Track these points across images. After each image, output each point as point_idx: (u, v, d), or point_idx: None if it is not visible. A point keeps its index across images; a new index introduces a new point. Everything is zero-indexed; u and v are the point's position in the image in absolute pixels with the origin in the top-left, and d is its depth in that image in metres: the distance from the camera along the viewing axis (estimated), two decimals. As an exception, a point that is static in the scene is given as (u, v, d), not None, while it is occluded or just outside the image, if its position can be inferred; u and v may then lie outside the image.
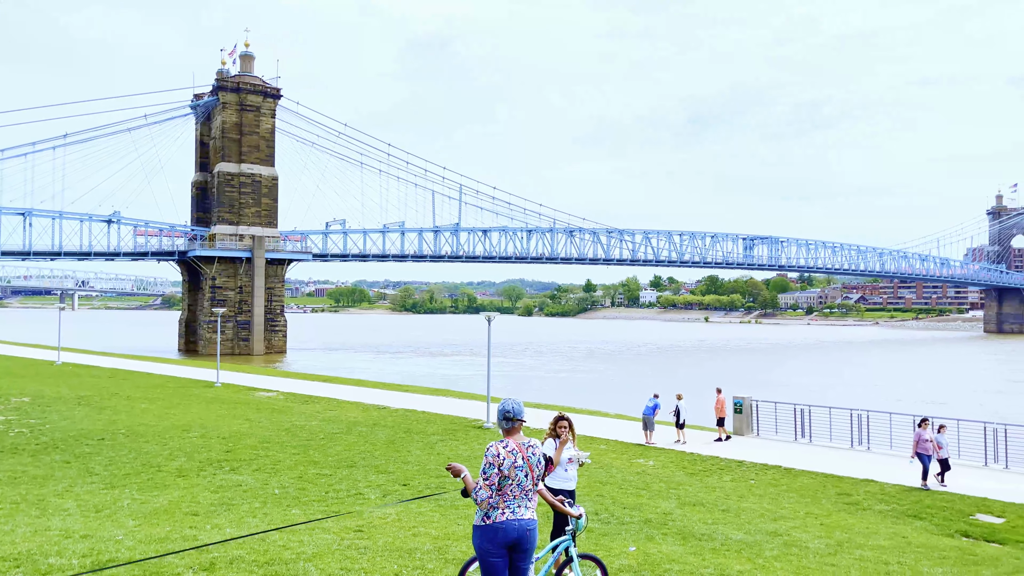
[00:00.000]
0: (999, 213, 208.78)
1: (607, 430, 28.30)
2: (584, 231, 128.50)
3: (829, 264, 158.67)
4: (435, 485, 16.61)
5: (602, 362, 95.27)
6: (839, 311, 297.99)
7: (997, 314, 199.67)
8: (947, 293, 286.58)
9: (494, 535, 6.52)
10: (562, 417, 10.08)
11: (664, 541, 12.38)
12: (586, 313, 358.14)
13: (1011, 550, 14.26)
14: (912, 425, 24.31)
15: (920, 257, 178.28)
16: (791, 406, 27.68)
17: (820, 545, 12.90)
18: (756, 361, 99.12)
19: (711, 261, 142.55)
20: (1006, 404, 54.02)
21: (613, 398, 48.35)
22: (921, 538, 14.48)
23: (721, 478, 20.36)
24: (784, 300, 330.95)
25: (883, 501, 17.98)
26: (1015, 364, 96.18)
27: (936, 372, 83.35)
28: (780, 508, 16.57)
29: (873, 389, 61.57)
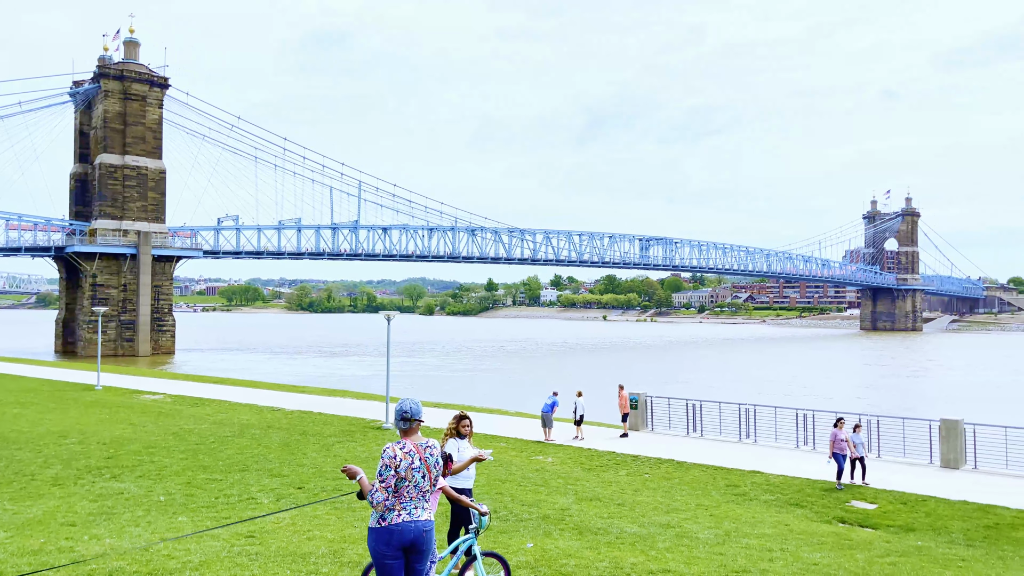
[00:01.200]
0: (874, 218, 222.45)
1: (507, 428, 28.46)
2: (486, 230, 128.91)
3: (720, 264, 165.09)
4: (331, 488, 16.27)
5: (503, 361, 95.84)
6: (729, 310, 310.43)
7: (872, 312, 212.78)
8: (828, 292, 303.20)
9: (390, 537, 6.41)
10: (464, 416, 10.04)
11: (561, 536, 12.54)
12: (488, 312, 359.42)
13: (883, 534, 15.18)
14: (796, 419, 25.61)
15: (804, 258, 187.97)
16: (684, 401, 28.60)
17: (710, 535, 13.36)
18: (652, 358, 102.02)
19: (609, 261, 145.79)
20: (877, 398, 57.63)
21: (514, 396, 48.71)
22: (802, 525, 15.23)
23: (617, 473, 20.81)
24: (678, 299, 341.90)
25: (768, 491, 18.81)
26: (885, 360, 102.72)
27: (817, 368, 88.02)
28: (673, 501, 17.08)
29: (760, 384, 64.43)
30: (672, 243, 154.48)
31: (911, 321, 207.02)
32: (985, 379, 73.90)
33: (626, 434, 27.22)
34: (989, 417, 28.85)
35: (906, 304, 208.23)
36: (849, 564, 11.43)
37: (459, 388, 58.99)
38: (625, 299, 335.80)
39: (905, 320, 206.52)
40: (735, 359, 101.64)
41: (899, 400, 55.14)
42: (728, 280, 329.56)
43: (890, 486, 19.38)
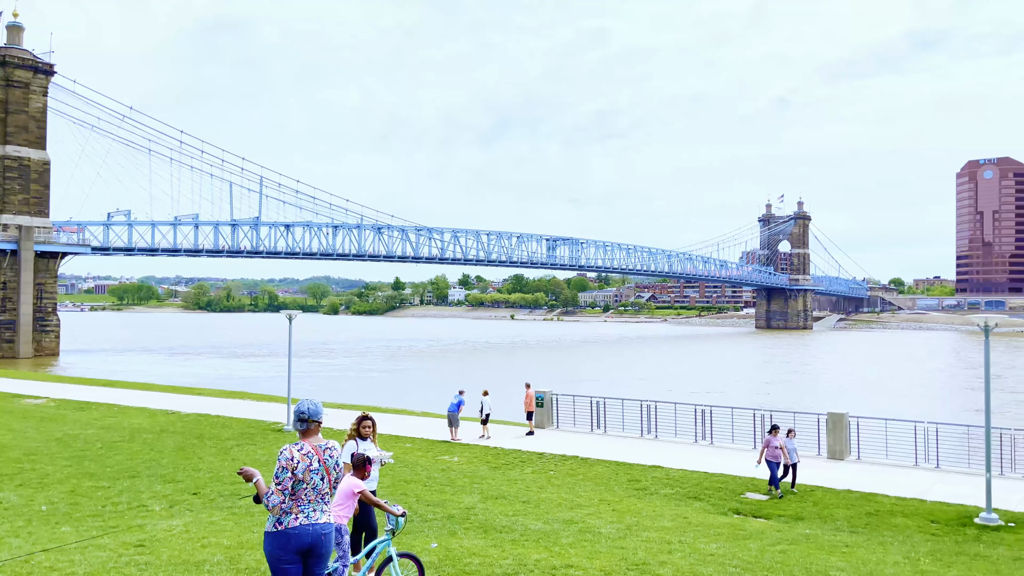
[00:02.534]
0: (768, 221, 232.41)
1: (414, 428, 28.23)
2: (392, 228, 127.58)
3: (624, 265, 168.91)
4: (229, 492, 15.73)
5: (411, 361, 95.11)
6: (633, 309, 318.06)
7: (766, 311, 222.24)
8: (726, 292, 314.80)
9: (287, 541, 6.24)
10: (366, 417, 9.88)
11: (466, 535, 12.52)
12: (395, 311, 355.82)
13: (774, 523, 15.85)
14: (694, 415, 26.43)
15: (703, 259, 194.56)
16: (588, 399, 29.07)
17: (612, 530, 13.62)
18: (558, 357, 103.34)
19: (517, 260, 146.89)
20: (770, 393, 60.22)
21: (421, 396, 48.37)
22: (700, 517, 15.73)
23: (523, 471, 20.96)
24: (584, 298, 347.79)
25: (668, 485, 19.34)
26: (777, 357, 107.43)
27: (714, 365, 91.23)
28: (577, 497, 17.33)
29: (661, 381, 66.25)
30: (578, 243, 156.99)
31: (802, 320, 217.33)
32: (868, 374, 78.33)
33: (532, 432, 27.44)
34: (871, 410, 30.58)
35: (798, 304, 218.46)
36: (743, 554, 11.86)
37: (365, 389, 58.15)
38: (533, 298, 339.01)
39: (797, 319, 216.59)
40: (638, 357, 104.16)
41: (790, 395, 57.77)
42: (632, 280, 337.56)
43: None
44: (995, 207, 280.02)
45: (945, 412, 46.32)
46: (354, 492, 8.13)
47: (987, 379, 17.19)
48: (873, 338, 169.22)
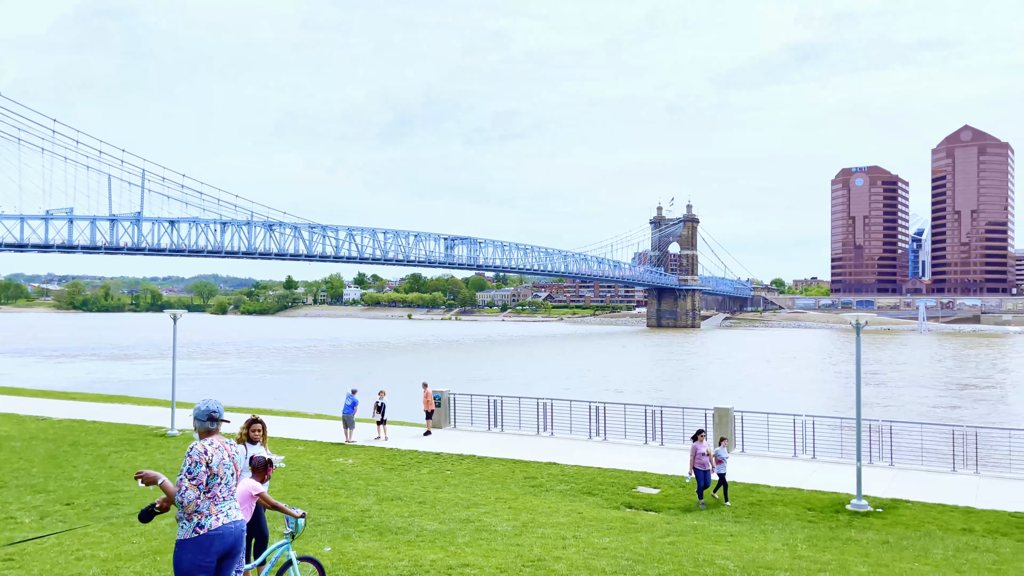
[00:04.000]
0: (659, 223, 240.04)
1: (308, 431, 27.56)
2: (285, 225, 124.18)
3: (522, 265, 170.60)
4: (106, 502, 14.87)
5: (305, 361, 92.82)
6: (530, 308, 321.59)
7: (657, 310, 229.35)
8: (619, 292, 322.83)
9: (211, 545, 5.92)
10: (256, 420, 9.54)
11: (360, 538, 12.31)
12: (287, 311, 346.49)
13: (664, 516, 16.35)
14: (589, 412, 26.94)
15: (598, 260, 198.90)
16: (485, 398, 29.17)
17: (508, 527, 13.70)
18: (456, 356, 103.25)
19: (414, 260, 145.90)
20: (663, 389, 62.18)
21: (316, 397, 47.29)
22: (593, 512, 16.04)
23: (419, 471, 20.80)
24: (482, 298, 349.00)
25: (563, 482, 19.63)
26: (667, 354, 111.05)
27: (608, 362, 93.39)
28: (474, 496, 17.34)
29: (557, 379, 67.26)
30: (476, 243, 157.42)
31: (691, 318, 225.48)
32: (751, 371, 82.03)
33: (429, 431, 27.28)
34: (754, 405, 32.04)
35: (687, 303, 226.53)
36: (634, 546, 12.17)
37: (257, 390, 56.35)
38: (430, 298, 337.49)
39: (686, 317, 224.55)
40: (535, 356, 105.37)
41: (679, 391, 59.81)
42: (529, 280, 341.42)
43: (672, 471, 20.93)
44: (865, 213, 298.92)
45: (822, 406, 49.09)
46: (252, 495, 7.85)
47: (858, 374, 18.29)
48: (756, 336, 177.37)
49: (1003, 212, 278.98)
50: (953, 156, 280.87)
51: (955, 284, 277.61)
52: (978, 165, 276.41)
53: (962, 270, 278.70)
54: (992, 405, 54.63)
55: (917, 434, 23.06)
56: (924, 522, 16.05)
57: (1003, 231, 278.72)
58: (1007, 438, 23.31)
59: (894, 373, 78.41)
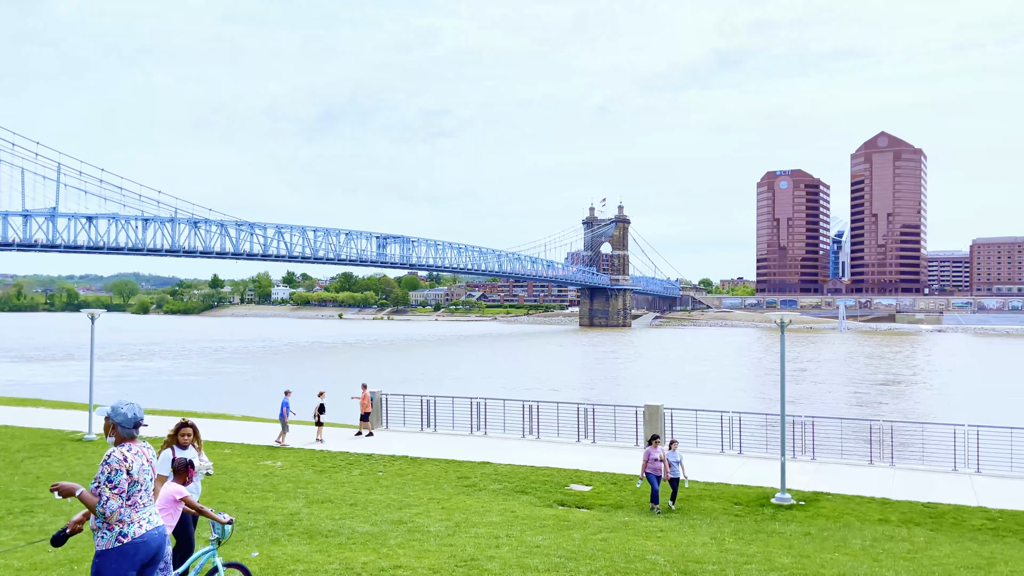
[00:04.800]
0: (592, 223, 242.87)
1: (235, 433, 26.85)
2: (211, 223, 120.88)
3: (455, 264, 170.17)
4: (19, 510, 14.18)
5: (234, 362, 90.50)
6: (464, 308, 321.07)
7: (589, 310, 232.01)
8: (552, 292, 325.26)
9: (135, 553, 5.71)
10: (186, 423, 9.20)
11: (290, 542, 12.05)
12: (213, 311, 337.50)
13: (596, 513, 16.52)
14: (522, 410, 27.02)
15: (531, 259, 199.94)
16: (418, 398, 28.95)
17: (441, 528, 13.62)
18: (389, 356, 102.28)
19: (345, 258, 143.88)
20: (595, 388, 62.91)
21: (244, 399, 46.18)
22: (526, 510, 16.08)
23: (351, 473, 20.51)
24: (415, 297, 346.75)
25: (497, 481, 19.63)
26: (599, 353, 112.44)
27: (541, 361, 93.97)
28: (406, 497, 17.18)
29: (490, 379, 67.33)
30: (409, 242, 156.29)
31: (622, 318, 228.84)
32: (680, 369, 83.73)
33: (368, 432, 26.90)
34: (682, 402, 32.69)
35: (618, 302, 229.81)
36: (567, 544, 12.25)
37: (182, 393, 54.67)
38: (362, 297, 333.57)
39: (617, 317, 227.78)
40: (469, 355, 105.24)
41: (611, 389, 60.62)
42: (463, 279, 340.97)
43: (603, 468, 21.17)
44: (789, 215, 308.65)
45: (748, 402, 50.46)
46: (176, 499, 7.57)
47: (782, 371, 18.84)
48: (685, 335, 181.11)
49: (916, 215, 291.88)
50: (871, 161, 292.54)
51: (872, 284, 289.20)
52: (894, 170, 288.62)
53: (879, 271, 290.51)
54: (907, 400, 57.10)
55: (837, 429, 23.92)
56: (844, 513, 16.64)
57: (916, 234, 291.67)
58: (920, 432, 24.38)
59: (816, 370, 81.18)
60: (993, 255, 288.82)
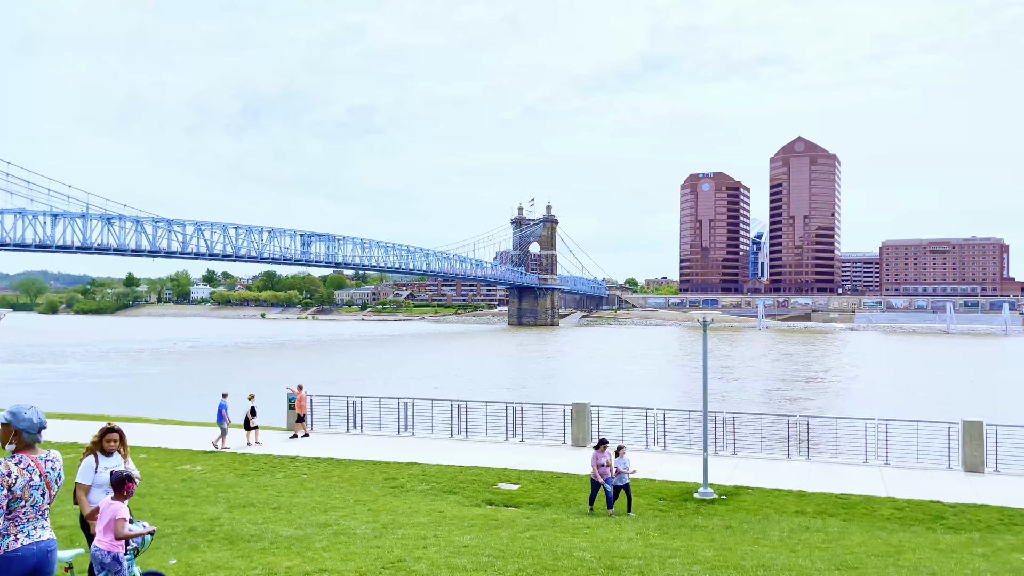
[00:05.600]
0: (520, 223, 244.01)
1: (152, 437, 25.92)
2: (126, 219, 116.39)
3: (383, 263, 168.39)
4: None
5: (150, 364, 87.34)
6: (391, 307, 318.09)
7: (518, 309, 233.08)
8: (481, 291, 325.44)
9: (8, 568, 5.46)
10: (111, 428, 8.76)
11: (209, 548, 11.69)
12: (128, 310, 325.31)
13: (524, 511, 16.59)
14: (450, 410, 26.93)
15: (460, 259, 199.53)
16: (344, 399, 28.53)
17: (367, 530, 13.44)
18: (314, 356, 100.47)
19: (268, 256, 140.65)
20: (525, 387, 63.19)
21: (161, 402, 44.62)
22: (454, 510, 16.03)
23: (274, 476, 20.06)
24: (341, 296, 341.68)
25: (424, 481, 19.51)
26: (528, 353, 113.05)
27: (470, 361, 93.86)
28: (331, 499, 16.90)
29: (418, 379, 66.88)
30: (335, 240, 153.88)
31: (550, 317, 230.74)
32: (608, 367, 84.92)
33: (303, 434, 26.31)
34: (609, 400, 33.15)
35: (546, 302, 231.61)
36: (495, 543, 12.25)
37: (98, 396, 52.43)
38: (286, 296, 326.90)
39: (545, 316, 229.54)
40: (397, 355, 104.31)
41: (539, 388, 61.01)
42: (391, 278, 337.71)
43: (532, 467, 21.28)
44: (711, 216, 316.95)
45: (672, 399, 51.55)
46: (117, 518, 7.20)
47: (705, 369, 19.30)
48: (612, 333, 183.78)
49: (831, 218, 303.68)
50: (788, 165, 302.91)
51: (790, 284, 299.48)
52: (810, 174, 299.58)
53: (796, 271, 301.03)
54: (822, 396, 59.31)
55: (757, 425, 24.68)
56: (763, 506, 17.16)
57: (831, 236, 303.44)
58: (834, 426, 25.35)
59: (738, 367, 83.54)
60: (901, 257, 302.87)
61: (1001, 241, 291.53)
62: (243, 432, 25.24)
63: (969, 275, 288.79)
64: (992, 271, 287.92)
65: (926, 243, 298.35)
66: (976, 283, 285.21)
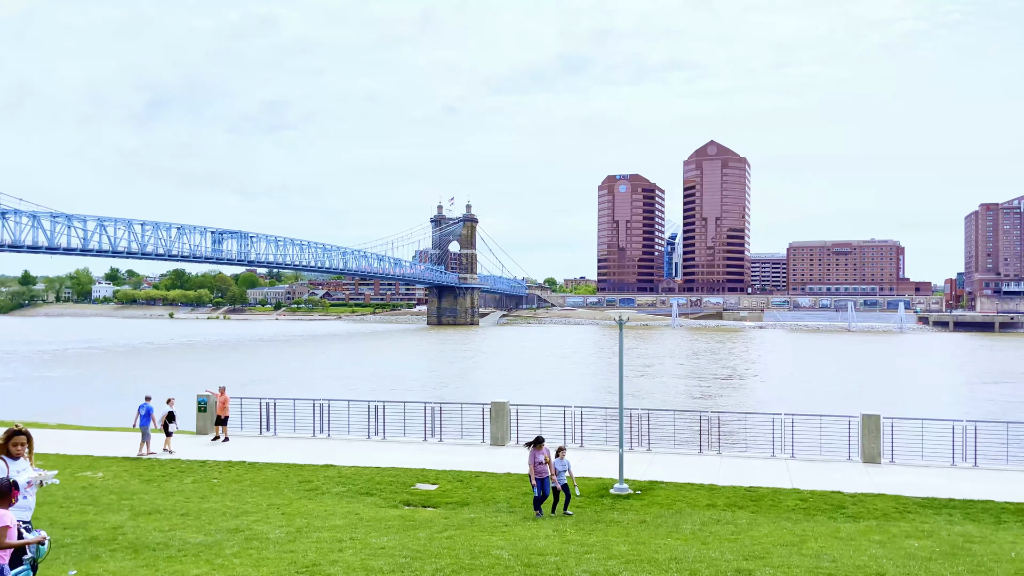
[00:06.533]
0: (440, 222, 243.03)
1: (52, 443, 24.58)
2: (21, 214, 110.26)
3: (298, 261, 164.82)
4: None
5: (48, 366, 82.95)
6: (307, 306, 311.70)
7: (438, 308, 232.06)
8: (400, 290, 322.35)
9: None
10: (18, 431, 8.24)
11: (112, 558, 11.20)
12: (23, 310, 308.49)
13: (442, 511, 16.52)
14: (368, 411, 26.56)
15: (378, 257, 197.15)
16: (257, 400, 27.77)
17: (280, 534, 13.13)
18: (225, 357, 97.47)
19: (177, 254, 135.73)
20: (446, 386, 62.97)
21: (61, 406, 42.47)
22: (371, 512, 15.83)
23: (182, 481, 19.36)
24: (254, 295, 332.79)
25: (340, 483, 19.18)
26: (447, 352, 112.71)
27: (389, 361, 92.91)
28: (243, 504, 16.43)
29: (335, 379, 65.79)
30: (247, 237, 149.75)
31: (470, 316, 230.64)
32: (526, 365, 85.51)
33: (224, 437, 25.39)
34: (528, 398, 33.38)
35: (466, 301, 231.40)
36: (412, 543, 12.16)
37: None
38: (196, 295, 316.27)
39: (465, 315, 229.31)
40: (313, 356, 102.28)
41: (458, 387, 60.92)
42: (306, 277, 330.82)
43: (450, 466, 21.21)
44: (628, 217, 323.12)
45: (589, 397, 52.29)
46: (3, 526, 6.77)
47: (620, 367, 19.63)
48: (531, 332, 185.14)
49: (741, 220, 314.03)
50: (701, 168, 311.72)
51: (702, 284, 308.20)
52: (721, 177, 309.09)
53: (708, 271, 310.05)
54: (733, 392, 61.30)
55: (671, 421, 25.28)
56: (676, 500, 17.59)
57: (741, 237, 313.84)
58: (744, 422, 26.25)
59: (653, 365, 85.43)
60: (807, 257, 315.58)
61: (897, 243, 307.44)
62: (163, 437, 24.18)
63: (869, 275, 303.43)
64: (889, 271, 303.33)
65: (830, 245, 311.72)
66: (875, 283, 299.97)
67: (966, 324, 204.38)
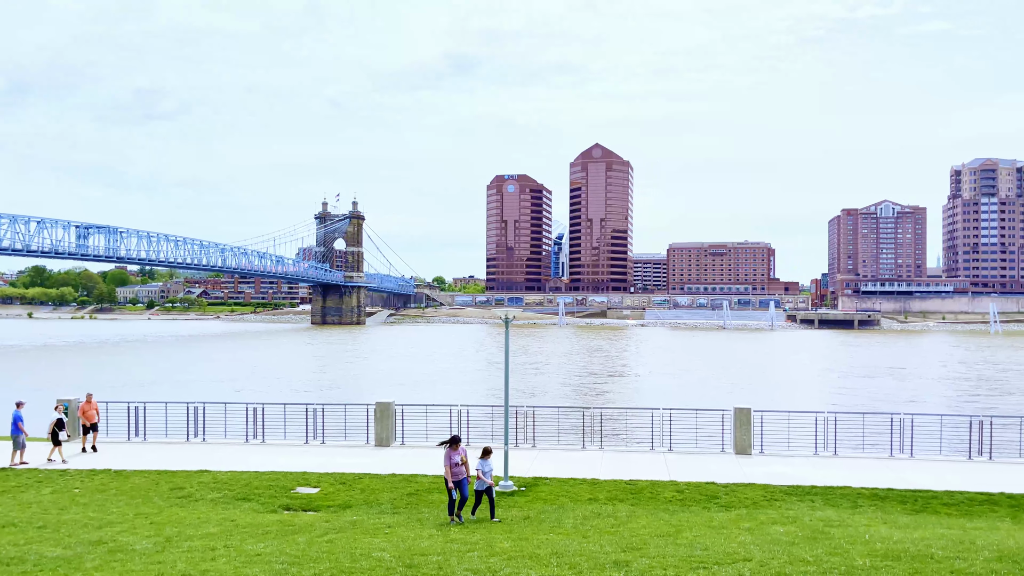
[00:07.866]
0: (324, 219, 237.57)
1: None
2: None
3: (172, 258, 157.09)
4: None
5: None
6: (182, 305, 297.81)
7: (322, 307, 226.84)
8: (282, 288, 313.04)
9: None
10: None
11: (-46, 579, 10.29)
12: None
13: (324, 515, 16.12)
14: (245, 414, 25.60)
15: (259, 254, 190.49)
16: (125, 404, 26.27)
17: (148, 545, 12.46)
18: (91, 359, 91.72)
19: (37, 250, 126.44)
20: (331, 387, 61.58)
21: None
22: (248, 518, 15.25)
23: (40, 492, 18.07)
24: (123, 294, 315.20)
25: (216, 489, 18.40)
26: (331, 352, 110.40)
27: (268, 362, 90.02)
28: (107, 514, 15.49)
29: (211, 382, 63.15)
30: (117, 232, 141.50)
31: (356, 315, 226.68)
32: (413, 365, 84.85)
33: (95, 448, 23.60)
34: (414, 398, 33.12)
35: (352, 300, 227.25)
36: (291, 549, 11.80)
37: None
38: (58, 294, 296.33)
39: (351, 314, 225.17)
40: (186, 357, 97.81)
41: (342, 388, 59.75)
42: (181, 274, 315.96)
43: (333, 469, 20.74)
44: (516, 217, 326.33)
45: (477, 395, 52.44)
46: None
47: (507, 364, 19.77)
48: (419, 331, 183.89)
49: (624, 221, 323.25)
50: (587, 170, 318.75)
51: (588, 283, 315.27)
52: (606, 179, 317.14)
53: (593, 271, 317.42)
54: (615, 387, 62.96)
55: (555, 417, 25.69)
56: (559, 496, 17.88)
57: (624, 238, 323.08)
58: (625, 417, 26.99)
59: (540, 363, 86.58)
60: (685, 258, 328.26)
61: (768, 245, 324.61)
62: (48, 446, 22.34)
63: (743, 275, 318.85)
64: (761, 272, 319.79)
65: (707, 246, 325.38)
66: (748, 283, 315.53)
67: (829, 321, 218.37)
